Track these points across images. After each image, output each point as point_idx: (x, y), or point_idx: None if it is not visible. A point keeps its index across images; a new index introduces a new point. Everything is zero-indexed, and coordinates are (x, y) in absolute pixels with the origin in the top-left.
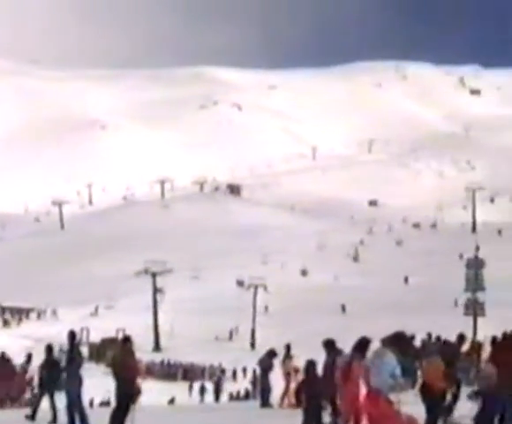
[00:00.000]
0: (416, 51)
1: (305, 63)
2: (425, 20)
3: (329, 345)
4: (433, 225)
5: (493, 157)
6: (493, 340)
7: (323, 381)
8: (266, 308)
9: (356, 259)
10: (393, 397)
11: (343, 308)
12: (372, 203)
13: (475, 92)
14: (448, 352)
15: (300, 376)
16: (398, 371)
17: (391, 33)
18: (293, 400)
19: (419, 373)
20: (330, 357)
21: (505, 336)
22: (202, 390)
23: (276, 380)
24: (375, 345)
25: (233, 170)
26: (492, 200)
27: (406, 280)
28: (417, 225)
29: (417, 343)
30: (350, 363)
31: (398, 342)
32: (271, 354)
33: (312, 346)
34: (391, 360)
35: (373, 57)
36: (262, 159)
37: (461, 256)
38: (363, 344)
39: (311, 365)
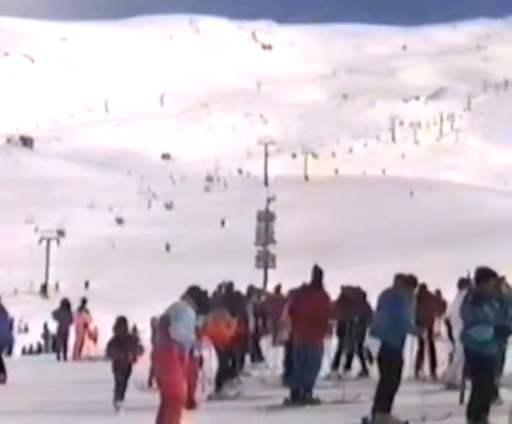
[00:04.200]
0: (209, 5)
1: (97, 15)
2: None
3: None
4: (228, 177)
5: (285, 112)
6: (277, 289)
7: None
8: (70, 259)
9: (169, 206)
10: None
11: (167, 247)
12: (166, 156)
13: (267, 47)
14: (233, 302)
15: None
16: (193, 325)
17: None
18: (92, 352)
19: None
20: None
21: (304, 287)
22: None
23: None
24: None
25: (25, 122)
26: (294, 156)
27: (223, 223)
28: (210, 178)
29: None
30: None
31: (195, 294)
32: (64, 306)
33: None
34: (190, 313)
35: (166, 10)
36: (54, 112)
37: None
38: None
39: (123, 322)
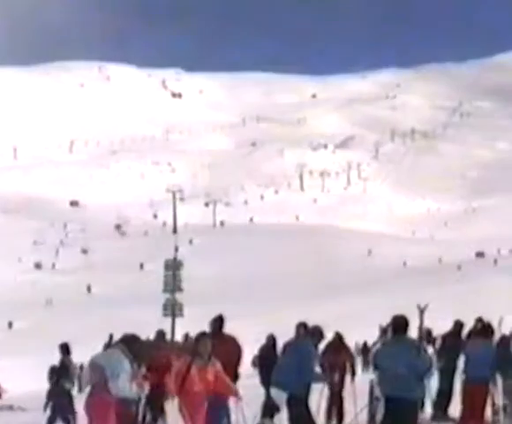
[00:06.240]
0: (118, 53)
1: (7, 61)
2: (128, 22)
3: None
4: (140, 225)
5: (194, 160)
6: (186, 337)
7: None
8: None
9: (85, 251)
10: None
11: (89, 289)
12: (74, 203)
13: (176, 95)
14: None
15: None
16: (129, 377)
17: (95, 33)
18: None
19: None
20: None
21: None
22: None
23: None
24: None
25: None
26: (207, 205)
27: (142, 267)
28: (118, 226)
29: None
30: None
31: (131, 343)
32: None
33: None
34: (126, 366)
35: (76, 57)
36: None
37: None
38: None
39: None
